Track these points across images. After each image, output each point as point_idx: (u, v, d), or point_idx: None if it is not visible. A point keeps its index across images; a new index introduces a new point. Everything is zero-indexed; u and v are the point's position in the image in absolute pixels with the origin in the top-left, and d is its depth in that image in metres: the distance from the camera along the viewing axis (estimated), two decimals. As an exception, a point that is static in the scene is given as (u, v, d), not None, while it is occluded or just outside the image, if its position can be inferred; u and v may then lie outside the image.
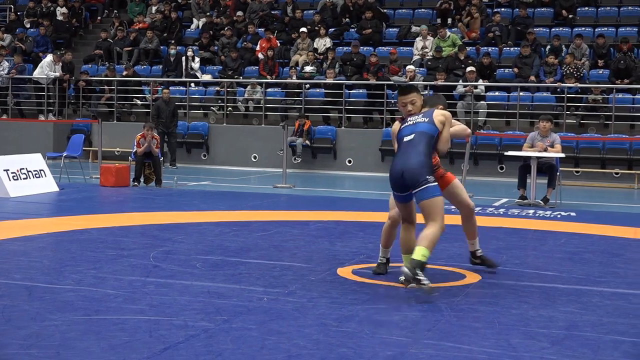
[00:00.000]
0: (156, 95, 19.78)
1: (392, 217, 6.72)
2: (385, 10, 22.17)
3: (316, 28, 21.24)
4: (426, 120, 6.38)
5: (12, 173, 12.26)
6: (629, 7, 20.89)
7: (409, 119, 6.48)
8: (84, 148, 16.60)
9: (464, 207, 6.90)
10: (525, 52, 18.42)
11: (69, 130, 20.06)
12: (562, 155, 12.75)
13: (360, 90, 19.05)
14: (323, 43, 20.69)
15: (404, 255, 6.40)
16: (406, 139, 6.32)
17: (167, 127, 18.13)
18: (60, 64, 20.66)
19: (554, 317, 5.54)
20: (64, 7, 24.45)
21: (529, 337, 5.04)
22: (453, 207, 7.19)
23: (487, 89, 18.32)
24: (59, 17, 24.24)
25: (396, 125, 6.59)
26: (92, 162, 19.15)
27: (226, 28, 21.81)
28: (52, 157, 16.59)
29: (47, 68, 20.57)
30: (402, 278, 6.30)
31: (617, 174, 16.52)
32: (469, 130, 6.83)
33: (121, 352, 4.52)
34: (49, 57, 20.80)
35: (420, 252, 5.96)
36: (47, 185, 12.85)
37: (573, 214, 11.48)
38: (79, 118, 20.84)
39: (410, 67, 18.42)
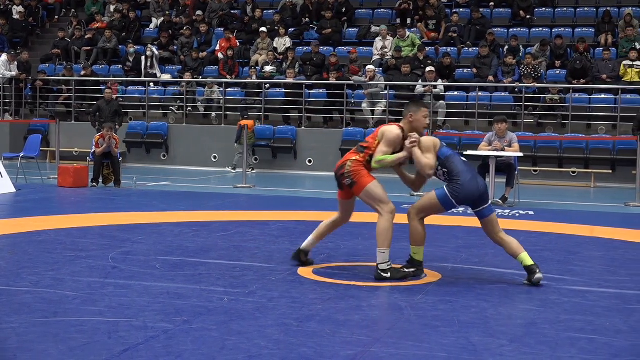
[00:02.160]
0: (116, 95, 19.62)
1: (394, 210, 6.68)
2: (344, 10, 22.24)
3: (276, 28, 21.23)
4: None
5: (-33, 174, 12.11)
6: (585, 8, 21.18)
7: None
8: (41, 148, 16.39)
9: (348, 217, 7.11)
10: (484, 52, 18.57)
11: (26, 131, 19.82)
12: (521, 154, 12.87)
13: (320, 90, 19.06)
14: (283, 43, 20.68)
15: (419, 247, 6.71)
16: (464, 159, 6.75)
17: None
18: (16, 63, 20.39)
19: (512, 315, 5.60)
20: (20, 6, 24.14)
21: (488, 335, 5.09)
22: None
23: (446, 88, 18.45)
24: (15, 16, 23.93)
25: (432, 140, 6.72)
26: (49, 162, 18.94)
27: (185, 27, 21.70)
28: (8, 158, 16.37)
29: (2, 67, 20.31)
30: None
31: (574, 172, 16.73)
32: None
33: (80, 355, 4.48)
34: (4, 57, 20.52)
35: (527, 256, 6.63)
36: (4, 186, 12.68)
37: (531, 212, 11.61)
38: (36, 118, 20.58)
39: (370, 67, 18.48)
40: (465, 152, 14.02)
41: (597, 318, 5.57)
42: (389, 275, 6.59)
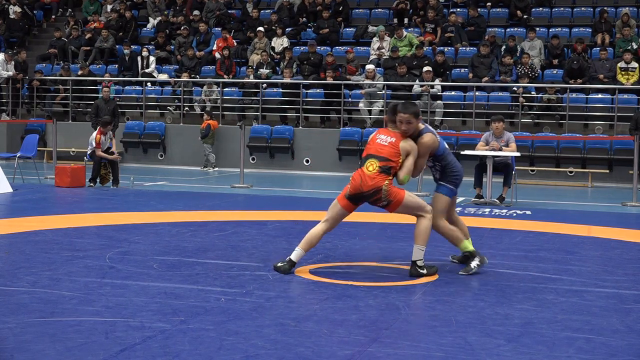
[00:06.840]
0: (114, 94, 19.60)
1: (431, 209, 6.98)
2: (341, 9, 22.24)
3: (273, 27, 21.22)
4: None
5: (-36, 174, 12.09)
6: (582, 8, 21.20)
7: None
8: (38, 148, 16.38)
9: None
10: (485, 51, 18.51)
11: (23, 130, 19.82)
12: (518, 154, 12.88)
13: (318, 90, 19.06)
14: (280, 42, 20.67)
15: (463, 242, 7.10)
16: (445, 144, 7.20)
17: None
18: (13, 63, 20.38)
19: (509, 315, 5.60)
20: (17, 6, 24.11)
21: (485, 334, 5.09)
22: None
23: (444, 88, 18.45)
24: (12, 16, 23.90)
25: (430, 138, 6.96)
26: (46, 162, 18.93)
27: (183, 27, 21.68)
28: (5, 158, 16.35)
29: (-1, 67, 20.33)
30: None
31: (571, 172, 16.75)
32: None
33: (77, 354, 4.47)
34: (1, 56, 20.49)
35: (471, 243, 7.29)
36: (0, 186, 12.66)
37: (528, 212, 11.61)
38: (33, 118, 20.57)
39: (370, 67, 18.47)
40: (462, 152, 14.09)
41: (594, 318, 5.58)
42: (425, 271, 6.82)
